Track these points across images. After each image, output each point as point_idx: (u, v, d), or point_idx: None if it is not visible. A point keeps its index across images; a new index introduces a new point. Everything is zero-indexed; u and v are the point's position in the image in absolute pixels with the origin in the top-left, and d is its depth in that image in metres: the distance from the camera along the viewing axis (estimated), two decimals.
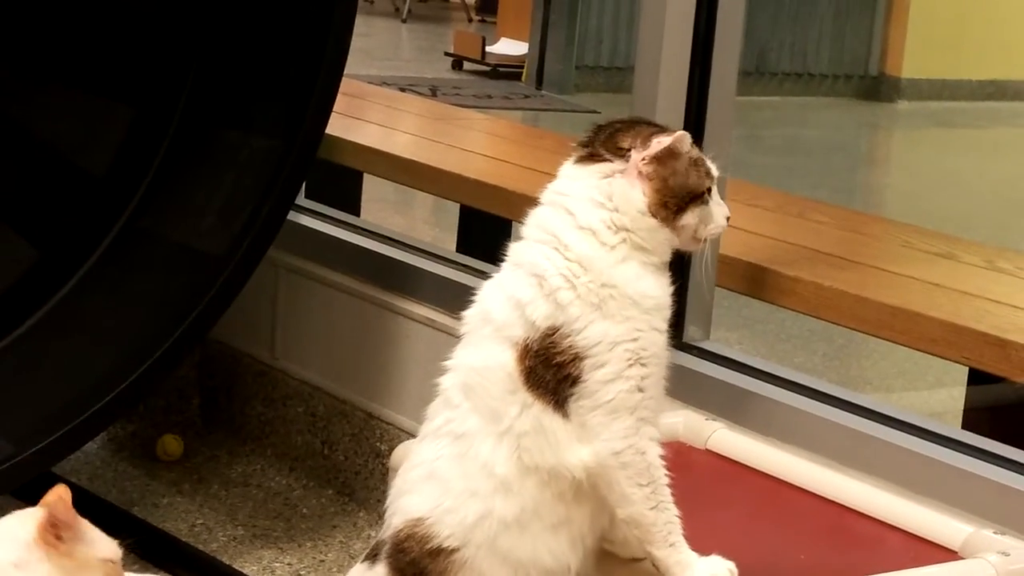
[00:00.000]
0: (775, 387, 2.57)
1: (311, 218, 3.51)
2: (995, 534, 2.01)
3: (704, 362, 2.66)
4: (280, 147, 3.00)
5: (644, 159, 1.78)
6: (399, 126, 4.03)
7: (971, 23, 10.41)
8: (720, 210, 1.84)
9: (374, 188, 4.33)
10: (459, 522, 1.77)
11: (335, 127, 3.24)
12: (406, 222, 5.72)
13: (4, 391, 2.91)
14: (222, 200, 3.07)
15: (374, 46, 10.72)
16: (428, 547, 1.78)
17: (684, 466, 1.84)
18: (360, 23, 3.25)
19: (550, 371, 1.76)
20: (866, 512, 2.11)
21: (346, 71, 3.01)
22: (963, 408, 2.78)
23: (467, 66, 10.03)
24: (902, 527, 2.07)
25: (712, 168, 1.83)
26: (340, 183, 3.83)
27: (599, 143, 1.81)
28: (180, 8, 3.14)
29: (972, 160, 8.94)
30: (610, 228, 1.78)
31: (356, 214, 3.82)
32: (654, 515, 1.77)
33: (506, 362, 1.77)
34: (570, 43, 9.62)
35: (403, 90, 7.70)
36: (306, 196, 3.60)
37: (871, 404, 2.51)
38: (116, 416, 2.99)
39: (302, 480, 3.39)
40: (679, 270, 1.87)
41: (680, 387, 1.90)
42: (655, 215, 1.78)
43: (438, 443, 1.81)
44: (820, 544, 2.05)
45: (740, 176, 3.17)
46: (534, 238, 1.82)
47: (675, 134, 1.79)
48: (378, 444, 3.25)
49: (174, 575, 2.91)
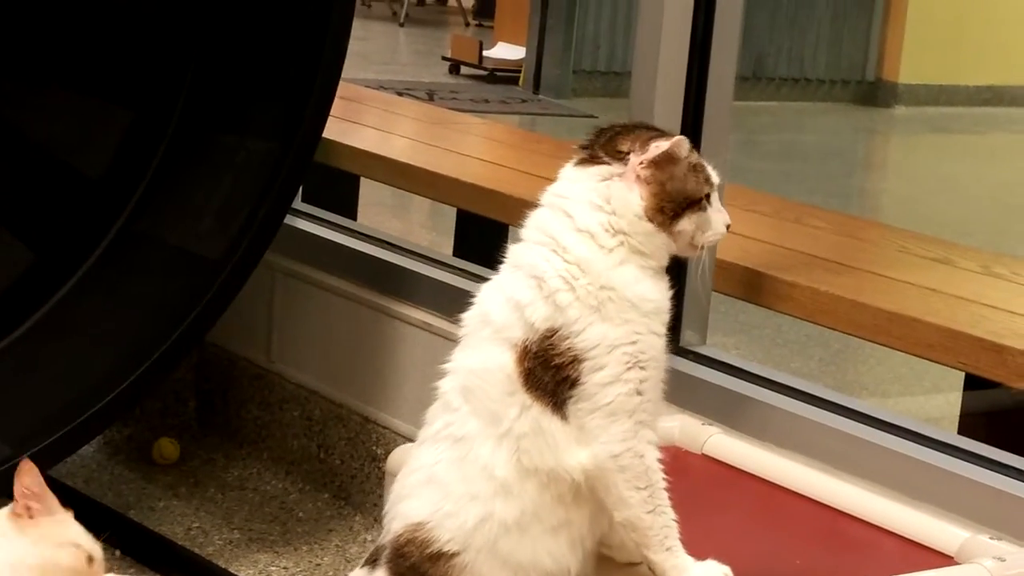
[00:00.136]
0: (771, 392, 2.57)
1: (308, 222, 3.51)
2: (991, 539, 2.01)
3: (700, 367, 2.66)
4: (277, 150, 3.00)
5: (642, 163, 1.77)
6: (396, 130, 4.03)
7: (968, 29, 10.42)
8: (720, 217, 1.83)
9: (371, 192, 4.33)
10: (459, 526, 1.76)
11: (332, 131, 3.25)
12: (403, 226, 5.72)
13: (1, 393, 2.91)
14: (219, 203, 3.07)
15: (371, 50, 10.72)
16: (428, 551, 1.78)
17: (680, 470, 1.84)
18: (357, 27, 3.25)
19: (549, 373, 1.75)
20: (862, 517, 2.11)
21: (343, 75, 3.01)
22: (959, 413, 2.78)
23: (464, 70, 10.04)
24: (898, 532, 2.07)
25: (712, 175, 1.82)
26: (337, 187, 3.83)
27: (599, 146, 1.81)
28: (178, 10, 3.14)
29: (969, 165, 8.94)
30: (608, 231, 1.78)
31: (353, 218, 3.82)
32: (651, 519, 1.77)
33: (505, 364, 1.77)
34: (567, 48, 9.63)
35: (400, 94, 7.70)
36: (303, 200, 3.60)
37: (867, 409, 2.51)
38: (113, 419, 2.99)
39: (298, 484, 3.39)
40: (676, 275, 1.86)
41: (676, 392, 1.90)
42: (651, 219, 1.78)
43: (437, 447, 1.81)
44: (816, 549, 2.05)
45: (737, 181, 3.18)
46: (533, 240, 1.81)
47: (673, 139, 1.79)
48: (374, 448, 3.25)
49: None
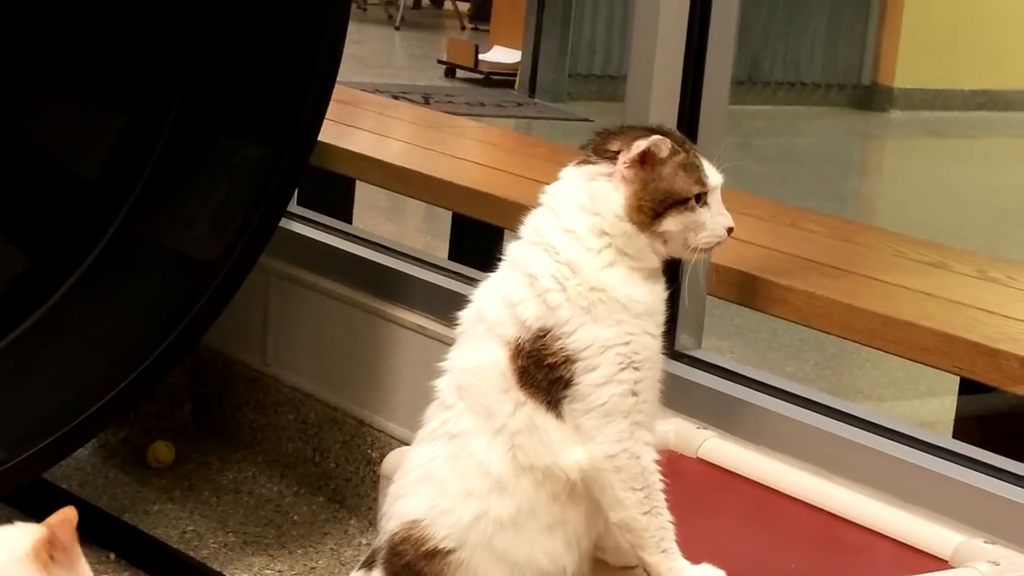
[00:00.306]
0: (766, 396, 2.57)
1: (303, 225, 3.51)
2: (985, 543, 2.01)
3: (695, 371, 2.66)
4: (272, 154, 3.00)
5: (625, 162, 1.76)
6: (392, 133, 4.03)
7: (964, 33, 10.42)
8: (720, 220, 1.79)
9: (366, 195, 4.33)
10: (455, 523, 1.76)
11: (327, 134, 3.25)
12: (398, 229, 5.71)
13: None
14: (214, 206, 3.07)
15: (367, 53, 10.71)
16: (424, 549, 1.77)
17: (675, 474, 1.84)
18: (353, 30, 3.25)
19: (542, 372, 1.75)
20: (856, 521, 2.11)
21: (339, 78, 3.01)
22: (954, 417, 2.78)
23: (460, 74, 10.04)
24: (892, 536, 2.07)
25: (708, 175, 1.79)
26: (332, 190, 3.83)
27: (594, 146, 1.80)
28: (173, 14, 3.14)
29: (964, 170, 8.95)
30: (592, 232, 1.76)
31: (348, 221, 3.82)
32: (647, 520, 1.76)
33: (499, 360, 1.76)
34: (563, 51, 9.63)
35: (396, 97, 7.70)
36: (298, 203, 3.59)
37: (862, 413, 2.51)
38: (108, 422, 2.99)
39: (293, 487, 3.39)
40: (671, 278, 1.86)
41: (672, 395, 1.89)
42: (631, 219, 1.75)
43: (433, 445, 1.80)
44: (810, 553, 2.05)
45: (733, 185, 3.16)
46: (528, 239, 1.81)
47: (651, 138, 1.76)
48: (369, 451, 3.25)
49: None
